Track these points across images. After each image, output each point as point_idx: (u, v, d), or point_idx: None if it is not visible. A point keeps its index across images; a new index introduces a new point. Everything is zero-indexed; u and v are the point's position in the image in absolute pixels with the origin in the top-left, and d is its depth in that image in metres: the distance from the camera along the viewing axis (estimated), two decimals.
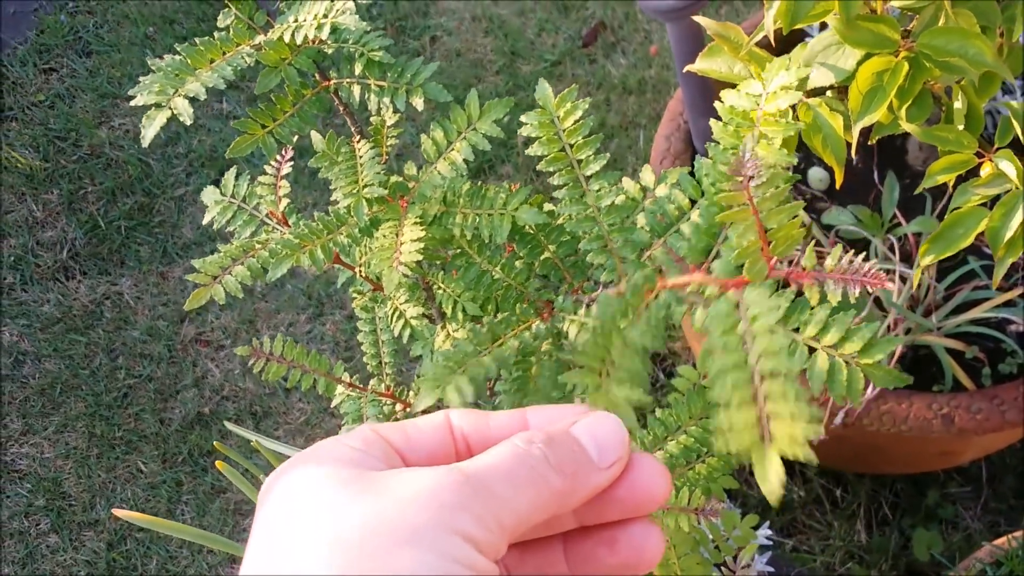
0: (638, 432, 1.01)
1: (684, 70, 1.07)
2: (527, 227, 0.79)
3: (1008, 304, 1.58)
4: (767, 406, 0.51)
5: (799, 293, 0.60)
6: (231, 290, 0.84)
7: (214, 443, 1.39)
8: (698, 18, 1.02)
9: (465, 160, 0.79)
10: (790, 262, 0.60)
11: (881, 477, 2.03)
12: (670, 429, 1.00)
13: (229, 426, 1.56)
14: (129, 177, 2.55)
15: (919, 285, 1.58)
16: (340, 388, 1.11)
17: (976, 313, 1.57)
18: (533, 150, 0.72)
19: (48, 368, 2.34)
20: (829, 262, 0.59)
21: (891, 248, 1.61)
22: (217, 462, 1.21)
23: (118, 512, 1.19)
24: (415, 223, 0.76)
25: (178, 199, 2.52)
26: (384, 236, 0.77)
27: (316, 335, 2.34)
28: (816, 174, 1.72)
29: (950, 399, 1.49)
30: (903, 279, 1.56)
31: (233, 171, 1.03)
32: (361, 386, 1.11)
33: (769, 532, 1.34)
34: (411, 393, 1.13)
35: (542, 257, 0.80)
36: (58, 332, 2.37)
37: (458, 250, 0.85)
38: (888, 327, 1.54)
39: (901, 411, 1.49)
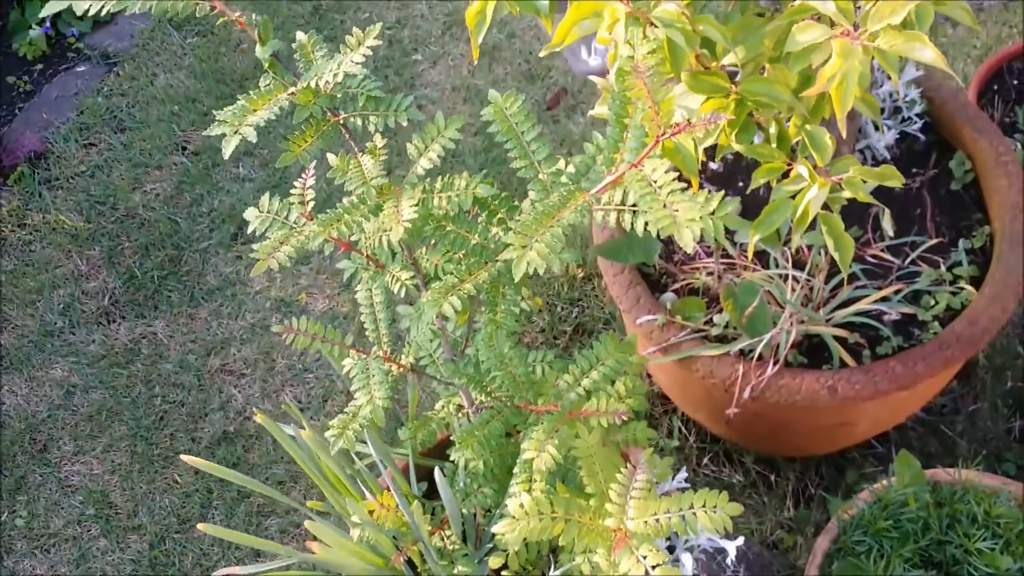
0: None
1: (588, 114, 1.48)
2: (486, 200, 1.22)
3: (884, 299, 1.97)
4: (673, 206, 1.03)
5: None
6: (282, 262, 1.23)
7: (255, 411, 1.76)
8: (591, 76, 1.43)
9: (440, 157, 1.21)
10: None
11: (807, 461, 2.39)
12: (592, 362, 1.39)
13: (259, 417, 1.93)
14: (160, 234, 2.96)
15: (811, 287, 1.97)
16: (347, 360, 1.50)
17: (857, 307, 1.96)
18: (493, 128, 1.15)
19: (95, 398, 2.71)
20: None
21: (787, 257, 2.01)
22: (258, 415, 1.58)
23: (186, 458, 1.54)
24: (409, 198, 1.16)
25: (203, 251, 2.93)
26: (388, 210, 1.17)
27: (324, 363, 2.72)
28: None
29: (834, 374, 1.87)
30: (796, 280, 1.95)
31: (267, 196, 1.43)
32: (365, 351, 1.49)
33: (686, 475, 1.70)
34: (402, 356, 1.52)
35: (497, 217, 1.21)
36: (103, 367, 2.75)
37: (438, 224, 1.26)
38: (786, 320, 1.92)
39: (795, 384, 1.87)
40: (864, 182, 1.27)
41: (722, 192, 1.07)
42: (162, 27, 3.41)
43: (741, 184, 2.16)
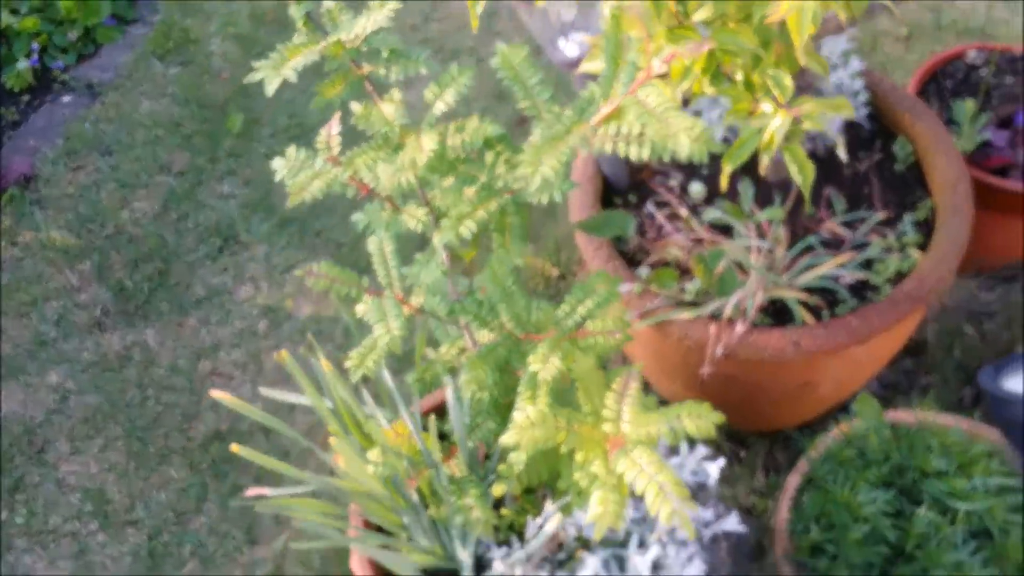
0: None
1: (576, 72, 1.66)
2: (493, 141, 1.37)
3: (841, 266, 2.16)
4: (670, 121, 1.16)
5: None
6: (316, 195, 1.38)
7: (276, 355, 1.89)
8: (575, 35, 1.62)
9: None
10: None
11: (774, 436, 2.56)
12: (587, 292, 1.55)
13: (282, 355, 2.03)
14: (149, 248, 3.08)
15: (772, 256, 2.15)
16: (360, 306, 1.64)
17: (817, 272, 2.14)
18: (501, 74, 1.31)
19: (89, 401, 2.81)
20: None
21: (750, 230, 2.19)
22: (282, 354, 1.72)
23: (215, 393, 1.66)
24: (428, 135, 1.32)
25: (190, 264, 3.06)
26: (410, 144, 1.32)
27: (311, 365, 2.85)
28: (695, 187, 2.31)
29: (798, 330, 2.05)
30: (759, 250, 2.13)
31: (293, 148, 1.58)
32: (378, 292, 1.64)
33: None
34: (413, 299, 1.67)
35: (503, 158, 1.37)
36: (96, 372, 2.86)
37: (450, 165, 1.41)
38: (752, 284, 2.10)
39: (764, 340, 2.04)
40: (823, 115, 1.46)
41: (703, 121, 1.24)
42: (145, 59, 3.57)
43: (706, 173, 2.35)
